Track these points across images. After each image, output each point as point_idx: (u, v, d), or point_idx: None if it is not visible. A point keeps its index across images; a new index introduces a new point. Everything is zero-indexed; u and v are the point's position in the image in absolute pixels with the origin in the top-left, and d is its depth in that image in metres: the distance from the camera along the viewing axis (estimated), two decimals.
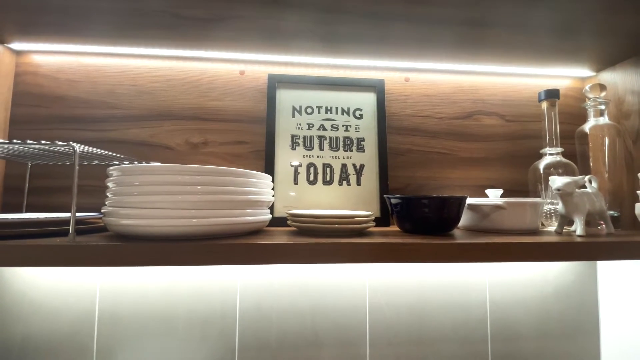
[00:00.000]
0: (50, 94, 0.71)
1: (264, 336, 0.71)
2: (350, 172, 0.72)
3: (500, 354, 0.77)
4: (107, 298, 0.68)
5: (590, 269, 0.82)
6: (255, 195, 0.51)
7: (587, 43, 0.70)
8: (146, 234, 0.43)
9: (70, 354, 0.67)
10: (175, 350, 0.69)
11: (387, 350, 0.74)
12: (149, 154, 0.71)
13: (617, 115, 0.77)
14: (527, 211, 0.59)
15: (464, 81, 0.81)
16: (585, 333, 0.80)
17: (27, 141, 0.42)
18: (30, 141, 0.42)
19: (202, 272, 0.71)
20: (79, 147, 0.42)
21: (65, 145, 0.42)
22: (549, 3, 0.56)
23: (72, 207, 0.42)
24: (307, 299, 0.72)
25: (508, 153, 0.81)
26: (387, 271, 0.75)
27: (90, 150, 0.46)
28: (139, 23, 0.61)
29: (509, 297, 0.78)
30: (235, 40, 0.67)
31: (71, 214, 0.42)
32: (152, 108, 0.73)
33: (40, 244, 0.40)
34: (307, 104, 0.74)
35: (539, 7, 0.57)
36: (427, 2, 0.55)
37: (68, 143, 0.42)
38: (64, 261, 0.40)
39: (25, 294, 0.68)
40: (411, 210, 0.55)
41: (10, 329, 0.67)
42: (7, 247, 0.40)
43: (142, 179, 0.44)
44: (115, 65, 0.73)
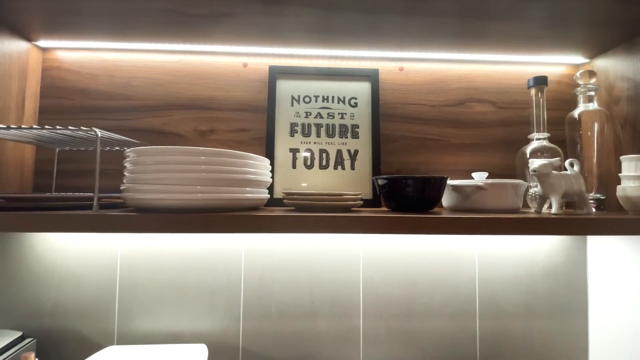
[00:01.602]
0: (73, 86, 0.79)
1: (266, 306, 0.78)
2: (345, 157, 0.78)
3: (488, 330, 0.82)
4: (127, 268, 0.77)
5: (579, 250, 0.85)
6: (254, 175, 0.57)
7: (579, 31, 0.72)
8: (158, 206, 0.50)
9: (95, 317, 0.76)
10: (186, 316, 0.77)
11: (378, 322, 0.80)
12: (161, 141, 0.78)
13: (608, 100, 0.79)
14: (508, 192, 0.63)
15: (457, 69, 0.85)
16: (573, 312, 0.84)
17: (56, 127, 0.50)
18: (59, 127, 0.49)
19: (210, 247, 0.78)
20: (100, 132, 0.49)
21: (88, 130, 0.49)
22: None
23: (95, 184, 0.49)
24: (305, 272, 0.79)
25: (499, 139, 0.84)
26: (380, 248, 0.81)
27: (109, 135, 0.53)
28: (150, 22, 0.68)
29: (498, 276, 0.82)
30: (238, 34, 0.72)
31: (95, 190, 0.49)
32: (163, 99, 0.80)
33: (70, 214, 0.47)
34: (305, 94, 0.79)
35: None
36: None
37: (91, 128, 0.49)
38: (88, 228, 0.47)
39: (55, 264, 0.77)
40: (396, 189, 0.59)
41: (42, 295, 0.76)
42: (43, 215, 0.47)
43: (155, 159, 0.51)
44: (130, 60, 0.80)
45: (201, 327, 0.76)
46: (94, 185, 0.50)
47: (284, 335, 0.78)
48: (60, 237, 0.77)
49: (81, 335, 0.76)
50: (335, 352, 0.79)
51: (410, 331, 0.80)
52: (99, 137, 0.49)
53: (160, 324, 0.76)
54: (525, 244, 0.84)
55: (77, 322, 0.76)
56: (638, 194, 0.61)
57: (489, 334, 0.81)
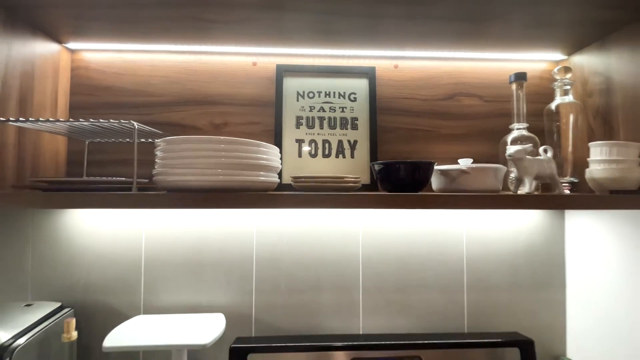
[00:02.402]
0: (99, 84, 0.88)
1: (275, 281, 0.87)
2: (345, 147, 0.86)
3: (475, 302, 0.91)
4: (150, 248, 0.86)
5: (558, 229, 0.93)
6: (266, 161, 0.65)
7: (558, 31, 0.79)
8: (185, 187, 0.59)
9: (123, 291, 0.85)
10: (204, 291, 0.86)
11: (377, 296, 0.89)
12: (180, 133, 0.87)
13: (583, 94, 0.87)
14: (488, 175, 0.71)
15: (447, 66, 0.93)
16: (553, 285, 0.93)
17: (99, 120, 0.58)
18: (102, 120, 0.58)
19: (225, 229, 0.87)
20: (137, 125, 0.57)
21: (126, 123, 0.58)
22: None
23: (134, 168, 0.57)
24: (310, 251, 0.88)
25: (486, 129, 0.92)
26: (378, 230, 0.89)
27: (142, 127, 0.61)
28: (170, 26, 0.76)
29: (484, 253, 0.91)
30: (248, 37, 0.81)
31: (134, 175, 0.58)
32: (181, 95, 0.88)
33: (114, 193, 0.56)
34: (309, 90, 0.88)
35: (520, 3, 0.67)
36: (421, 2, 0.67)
37: (129, 121, 0.58)
38: (130, 205, 0.56)
39: (86, 246, 0.86)
40: (390, 173, 0.68)
41: (75, 274, 0.86)
42: (90, 195, 0.56)
43: (182, 147, 0.59)
44: (150, 60, 0.88)
45: (218, 300, 0.86)
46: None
47: (292, 307, 0.87)
48: (90, 222, 0.86)
49: (111, 307, 0.85)
50: (337, 322, 0.88)
51: (405, 303, 0.89)
52: (136, 128, 0.57)
53: (181, 297, 0.85)
54: (509, 224, 0.92)
55: (107, 296, 0.85)
56: (602, 176, 0.69)
57: (475, 306, 0.90)
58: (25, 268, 0.85)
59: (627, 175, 0.68)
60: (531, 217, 0.93)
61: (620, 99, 0.77)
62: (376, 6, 0.68)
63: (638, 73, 0.73)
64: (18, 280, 0.85)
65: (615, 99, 0.78)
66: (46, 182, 0.64)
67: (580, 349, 0.89)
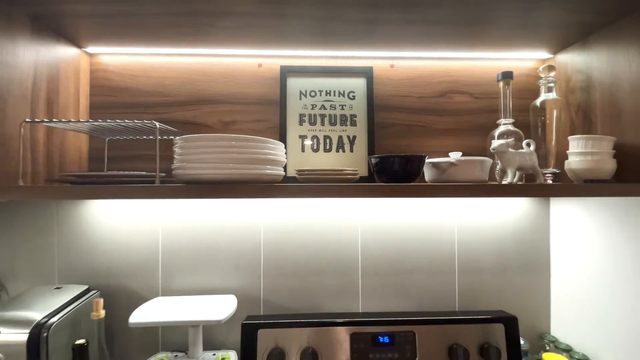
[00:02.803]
0: (117, 86, 0.94)
1: (281, 266, 0.95)
2: (345, 142, 0.93)
3: (466, 284, 0.98)
4: (167, 237, 0.93)
5: (543, 217, 1.00)
6: (272, 156, 0.72)
7: (544, 32, 0.85)
8: (201, 179, 0.66)
9: (142, 278, 0.93)
10: (217, 275, 0.94)
11: (374, 279, 0.96)
12: (192, 131, 0.94)
13: (566, 90, 0.93)
14: (475, 167, 0.78)
15: (440, 66, 0.99)
16: (538, 269, 1.00)
17: (124, 120, 0.65)
18: (127, 120, 0.65)
19: (236, 220, 0.94)
20: (158, 124, 0.64)
21: (149, 122, 0.65)
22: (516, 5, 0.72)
23: (157, 163, 0.65)
24: (313, 237, 0.95)
25: (476, 125, 0.98)
26: (375, 219, 0.97)
27: (163, 126, 0.68)
28: (182, 32, 0.82)
29: (474, 239, 0.98)
30: (254, 40, 0.87)
31: (156, 169, 0.65)
32: (192, 95, 0.95)
33: (139, 185, 0.63)
34: (311, 89, 0.94)
35: (508, 8, 0.73)
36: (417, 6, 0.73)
37: (151, 121, 0.65)
38: (153, 195, 0.63)
39: (108, 235, 0.93)
40: (385, 166, 0.75)
41: (97, 261, 0.93)
42: (116, 187, 0.63)
43: (198, 144, 0.66)
44: (163, 62, 0.95)
45: (230, 283, 0.94)
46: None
47: (297, 289, 0.95)
48: (110, 213, 0.94)
49: (132, 290, 0.93)
50: (338, 303, 0.96)
51: (400, 285, 0.97)
52: (157, 127, 0.64)
53: (196, 281, 0.93)
54: (497, 213, 0.99)
55: (127, 280, 0.93)
56: (579, 167, 0.76)
57: (466, 287, 0.98)
58: (53, 256, 0.93)
59: (601, 166, 0.75)
60: (518, 205, 1.00)
61: (599, 96, 0.83)
62: (373, 12, 0.74)
63: (614, 72, 0.79)
64: (46, 266, 0.93)
65: (594, 96, 0.85)
66: (75, 176, 0.71)
67: (563, 327, 0.97)
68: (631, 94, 0.75)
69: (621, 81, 0.77)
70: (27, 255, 0.92)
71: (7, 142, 0.69)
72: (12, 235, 0.92)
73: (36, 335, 0.68)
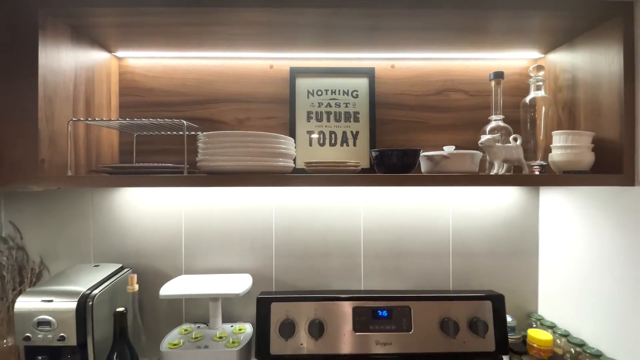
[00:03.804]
0: (142, 86, 1.05)
1: (291, 248, 1.05)
2: (349, 137, 1.02)
3: (459, 267, 1.07)
4: (189, 222, 1.04)
5: (533, 205, 1.08)
6: (283, 150, 0.82)
7: (534, 35, 0.91)
8: (222, 170, 0.76)
9: (167, 258, 1.04)
10: (233, 256, 1.05)
11: (375, 261, 1.06)
12: (211, 127, 1.03)
13: (554, 88, 1.01)
14: (466, 159, 0.86)
15: (437, 65, 1.07)
16: (527, 253, 1.09)
17: (157, 119, 0.75)
18: (160, 119, 0.75)
19: (250, 205, 1.05)
20: (185, 122, 0.74)
21: (178, 121, 0.75)
22: (508, 13, 0.80)
23: (185, 156, 0.75)
24: (320, 224, 1.05)
25: (470, 120, 1.06)
26: (376, 205, 1.06)
27: (189, 124, 0.78)
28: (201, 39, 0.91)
29: (467, 225, 1.07)
30: (266, 45, 0.96)
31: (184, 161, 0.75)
32: (210, 94, 1.05)
33: (170, 175, 0.73)
34: (318, 88, 1.03)
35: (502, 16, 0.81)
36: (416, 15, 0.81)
37: (180, 120, 0.75)
38: (182, 184, 0.73)
39: (137, 221, 1.05)
40: (384, 158, 0.84)
41: (128, 243, 1.05)
42: (151, 176, 0.73)
43: (219, 140, 0.76)
44: (184, 65, 1.05)
45: (245, 264, 1.05)
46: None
47: (305, 270, 1.05)
48: (139, 201, 1.05)
49: (158, 269, 1.04)
50: (343, 283, 1.06)
51: (399, 267, 1.06)
52: (185, 125, 0.74)
53: (215, 262, 1.05)
54: (490, 201, 1.08)
55: (154, 261, 1.05)
56: (560, 159, 0.84)
57: (459, 270, 1.07)
58: (88, 238, 1.05)
59: (580, 159, 0.82)
60: (510, 195, 1.08)
61: (582, 94, 0.90)
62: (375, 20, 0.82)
63: (595, 72, 0.86)
64: (83, 248, 1.05)
65: (578, 94, 0.92)
66: (112, 167, 0.82)
67: (549, 307, 1.06)
68: (609, 93, 0.82)
69: (601, 80, 0.84)
70: (66, 238, 1.04)
71: (55, 138, 0.80)
72: (53, 221, 1.04)
73: (83, 304, 0.80)
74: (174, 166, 0.81)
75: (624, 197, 0.82)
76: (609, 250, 0.86)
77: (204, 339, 0.90)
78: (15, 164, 0.75)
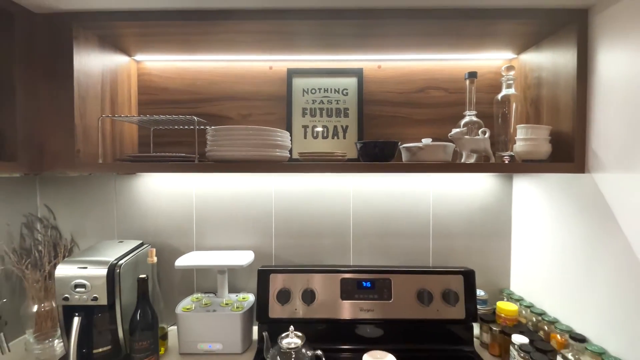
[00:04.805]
0: (158, 86, 1.19)
1: (289, 228, 1.19)
2: (339, 131, 1.15)
3: (439, 247, 1.20)
4: (199, 204, 1.19)
5: (506, 192, 1.20)
6: (280, 142, 0.95)
7: (505, 38, 1.02)
8: (228, 159, 0.90)
9: (180, 235, 1.20)
10: (239, 236, 1.19)
11: (363, 241, 1.20)
12: (218, 122, 1.17)
13: (524, 86, 1.12)
14: (439, 150, 0.98)
15: (420, 65, 1.18)
16: (500, 235, 1.21)
17: (172, 115, 0.89)
18: (174, 115, 0.89)
19: (252, 189, 1.19)
20: (196, 118, 0.88)
21: (190, 117, 0.89)
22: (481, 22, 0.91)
23: (195, 147, 0.89)
24: (314, 207, 1.19)
25: (449, 115, 1.18)
26: (364, 190, 1.19)
27: (199, 119, 0.92)
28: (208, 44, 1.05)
29: (446, 209, 1.20)
30: (267, 49, 1.09)
31: (195, 151, 0.89)
32: (217, 93, 1.18)
33: (184, 162, 0.88)
34: (312, 87, 1.16)
35: (476, 25, 0.92)
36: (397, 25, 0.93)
37: (191, 116, 0.88)
38: (194, 170, 0.88)
39: (154, 203, 1.20)
40: (367, 149, 0.97)
41: (146, 223, 1.20)
42: (165, 164, 0.88)
43: (225, 133, 0.90)
44: (194, 66, 1.18)
45: (248, 242, 1.19)
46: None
47: (301, 247, 1.19)
48: (155, 187, 1.20)
49: (172, 246, 1.20)
50: (334, 259, 1.20)
51: (384, 246, 1.20)
52: (195, 120, 0.88)
53: (221, 240, 1.19)
54: (467, 187, 1.20)
55: (169, 239, 1.20)
56: (522, 150, 0.96)
57: (439, 250, 1.20)
58: (112, 219, 1.20)
59: (538, 149, 0.94)
60: (485, 182, 1.20)
61: (545, 91, 1.01)
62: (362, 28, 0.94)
63: (555, 71, 0.97)
64: (107, 227, 1.20)
65: (543, 91, 1.03)
66: (136, 156, 0.96)
67: (520, 284, 1.18)
68: (565, 91, 0.93)
69: (559, 79, 0.95)
70: (93, 219, 1.20)
71: (88, 132, 0.94)
72: (82, 204, 1.20)
73: (112, 271, 0.96)
74: (187, 155, 0.95)
75: (577, 184, 0.94)
76: (567, 231, 0.98)
77: (213, 305, 1.05)
78: (56, 153, 0.90)
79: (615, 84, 0.81)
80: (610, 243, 0.83)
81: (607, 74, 0.84)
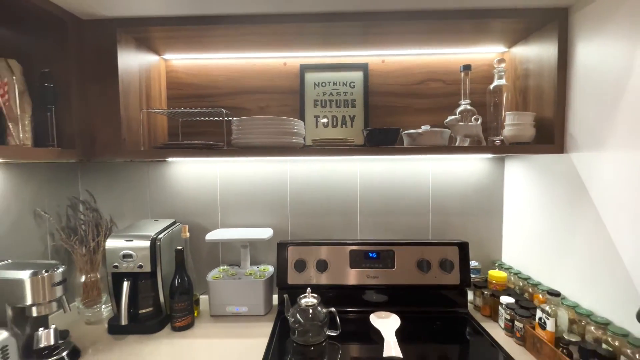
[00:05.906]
0: (184, 82, 1.33)
1: (302, 209, 1.34)
2: (347, 120, 1.28)
3: (437, 223, 1.34)
4: (223, 186, 1.34)
5: (499, 174, 1.33)
6: (295, 130, 1.09)
7: (496, 34, 1.14)
8: (251, 145, 1.04)
9: (206, 215, 1.35)
10: (258, 215, 1.34)
11: (369, 218, 1.34)
12: (238, 113, 1.31)
13: (514, 77, 1.23)
14: (436, 136, 1.11)
15: (420, 59, 1.30)
16: (493, 212, 1.34)
17: (199, 108, 1.03)
18: (201, 108, 1.03)
19: (270, 173, 1.33)
20: (224, 110, 1.02)
21: (218, 109, 1.03)
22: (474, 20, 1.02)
23: (224, 135, 1.03)
24: (325, 188, 1.33)
25: (446, 105, 1.30)
26: (370, 171, 1.33)
27: (226, 112, 1.06)
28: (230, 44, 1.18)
29: (443, 189, 1.33)
30: (281, 47, 1.22)
31: (224, 140, 1.03)
32: (237, 87, 1.32)
33: (214, 148, 1.02)
34: (322, 80, 1.29)
35: (470, 23, 1.04)
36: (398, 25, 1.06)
37: (220, 109, 1.02)
38: (223, 155, 1.02)
39: (183, 186, 1.35)
40: (372, 135, 1.10)
41: (176, 204, 1.35)
42: (197, 150, 1.02)
43: (249, 123, 1.04)
44: (215, 64, 1.32)
45: (267, 220, 1.34)
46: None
47: (314, 225, 1.34)
48: (184, 172, 1.35)
49: (200, 225, 1.35)
50: (343, 235, 1.34)
51: (388, 223, 1.34)
52: (224, 112, 1.02)
53: (243, 218, 1.34)
54: (463, 169, 1.33)
55: (196, 218, 1.35)
56: (510, 134, 1.08)
57: (437, 226, 1.34)
58: (146, 201, 1.36)
59: (523, 134, 1.07)
60: (480, 165, 1.33)
61: (532, 82, 1.13)
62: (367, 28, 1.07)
63: (540, 63, 1.08)
64: (142, 208, 1.36)
65: (530, 81, 1.15)
66: (171, 144, 1.11)
67: (511, 257, 1.32)
68: (548, 80, 1.05)
69: (544, 70, 1.07)
70: (129, 201, 1.36)
71: (130, 123, 1.09)
72: (119, 188, 1.35)
73: (153, 244, 1.11)
74: (214, 143, 1.09)
75: (558, 163, 1.06)
76: (550, 205, 1.10)
77: (238, 275, 1.21)
78: (105, 142, 1.05)
79: (590, 73, 0.93)
80: (583, 214, 0.95)
81: (584, 65, 0.95)
